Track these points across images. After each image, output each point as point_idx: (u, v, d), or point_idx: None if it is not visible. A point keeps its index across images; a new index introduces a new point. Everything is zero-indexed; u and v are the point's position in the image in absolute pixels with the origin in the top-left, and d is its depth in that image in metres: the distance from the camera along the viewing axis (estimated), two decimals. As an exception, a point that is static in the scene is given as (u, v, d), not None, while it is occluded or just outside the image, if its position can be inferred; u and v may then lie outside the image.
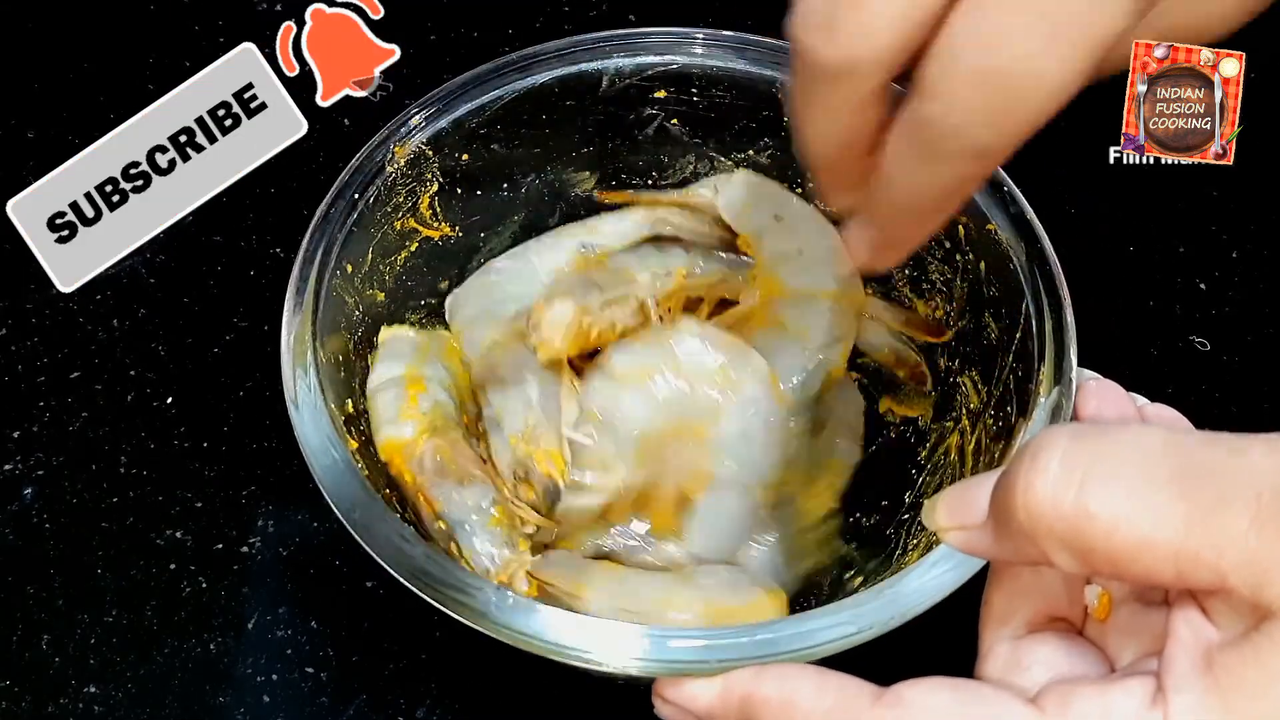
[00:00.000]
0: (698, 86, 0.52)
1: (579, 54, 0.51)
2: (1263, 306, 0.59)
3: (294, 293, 0.45)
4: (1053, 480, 0.28)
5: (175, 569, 0.51)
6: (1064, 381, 0.43)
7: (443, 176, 0.51)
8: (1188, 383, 0.56)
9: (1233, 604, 0.27)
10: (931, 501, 0.34)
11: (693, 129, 0.53)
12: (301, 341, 0.44)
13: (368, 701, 0.48)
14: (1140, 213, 0.61)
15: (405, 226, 0.51)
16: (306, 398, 0.42)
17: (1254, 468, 0.27)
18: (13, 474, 0.53)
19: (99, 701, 0.48)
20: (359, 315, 0.49)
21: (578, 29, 0.70)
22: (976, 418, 0.47)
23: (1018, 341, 0.45)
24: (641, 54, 0.51)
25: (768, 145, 0.53)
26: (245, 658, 0.49)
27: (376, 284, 0.50)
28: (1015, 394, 0.45)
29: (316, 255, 0.46)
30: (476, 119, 0.50)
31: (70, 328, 0.58)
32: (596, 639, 0.37)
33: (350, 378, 0.47)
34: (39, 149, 0.64)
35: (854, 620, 0.37)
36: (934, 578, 0.38)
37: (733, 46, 0.51)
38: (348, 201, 0.48)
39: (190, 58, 0.67)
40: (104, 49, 0.69)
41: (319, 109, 0.64)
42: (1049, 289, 0.45)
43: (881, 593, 0.38)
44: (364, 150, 0.49)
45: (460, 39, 0.68)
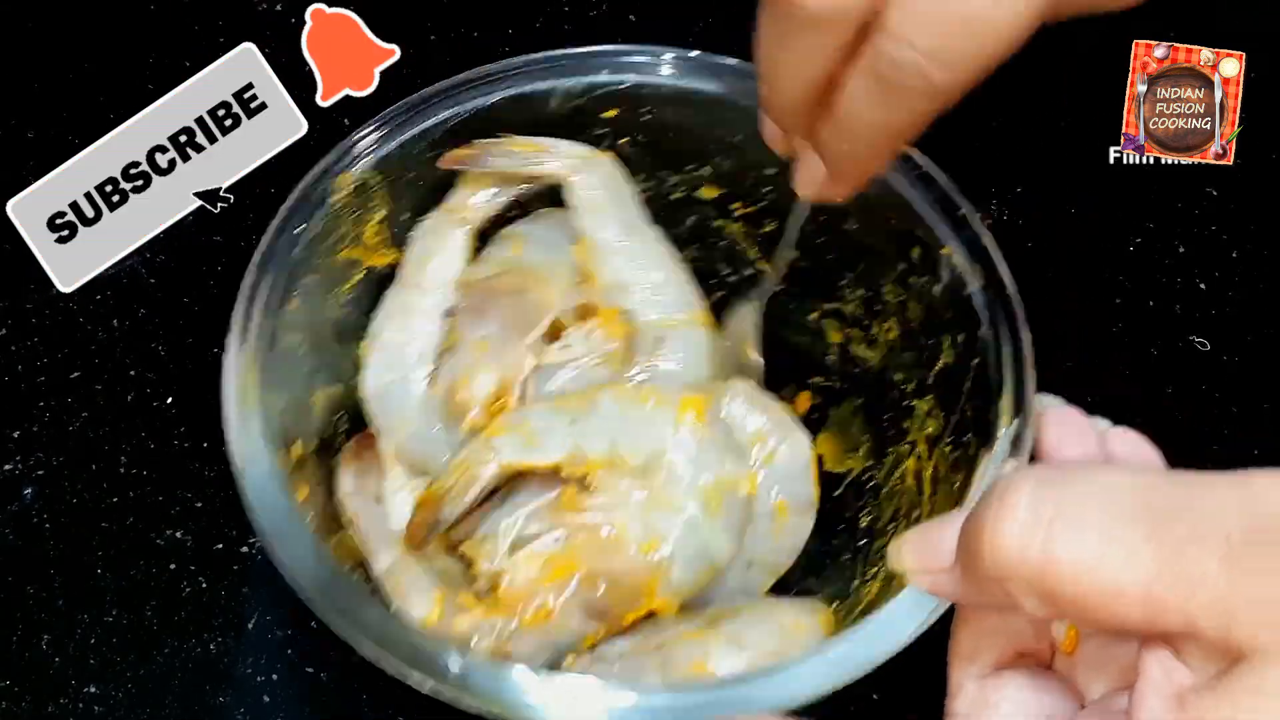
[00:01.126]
0: (648, 106, 0.51)
1: (527, 75, 0.50)
2: (1263, 306, 0.59)
3: (238, 333, 0.44)
4: (1019, 525, 0.28)
5: (175, 569, 0.51)
6: (1024, 412, 0.42)
7: (390, 202, 0.50)
8: (1188, 383, 0.56)
9: (1203, 645, 0.27)
10: (897, 543, 0.34)
11: (644, 149, 0.52)
12: (245, 389, 0.42)
13: (368, 702, 0.48)
14: (1140, 213, 0.61)
15: (350, 256, 0.49)
16: (254, 455, 0.41)
17: (1221, 508, 0.27)
18: (13, 474, 0.53)
19: (99, 701, 0.48)
20: (304, 352, 0.47)
21: (577, 29, 0.70)
22: (934, 444, 0.46)
23: (975, 368, 0.44)
24: (591, 73, 0.50)
25: (720, 164, 0.52)
26: (245, 658, 0.49)
27: (324, 317, 0.48)
28: (975, 423, 0.44)
29: (257, 293, 0.44)
30: (423, 142, 0.49)
31: (70, 328, 0.58)
32: (557, 700, 0.36)
33: (298, 419, 0.46)
34: (39, 149, 0.64)
35: (829, 674, 0.37)
36: (902, 620, 0.37)
37: (684, 64, 0.50)
38: (289, 234, 0.46)
39: (190, 58, 0.67)
40: (104, 49, 0.68)
41: (319, 109, 0.64)
42: (1006, 315, 0.44)
43: (855, 637, 0.37)
44: (306, 179, 0.47)
45: (460, 39, 0.68)
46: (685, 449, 0.45)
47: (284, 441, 0.43)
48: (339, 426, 0.50)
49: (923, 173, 0.47)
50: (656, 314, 0.49)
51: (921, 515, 0.45)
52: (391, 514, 0.47)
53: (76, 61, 0.68)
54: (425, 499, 0.45)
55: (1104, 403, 0.57)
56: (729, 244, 0.54)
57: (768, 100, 0.38)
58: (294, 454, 0.44)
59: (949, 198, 0.47)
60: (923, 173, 0.47)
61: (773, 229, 0.52)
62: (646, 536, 0.44)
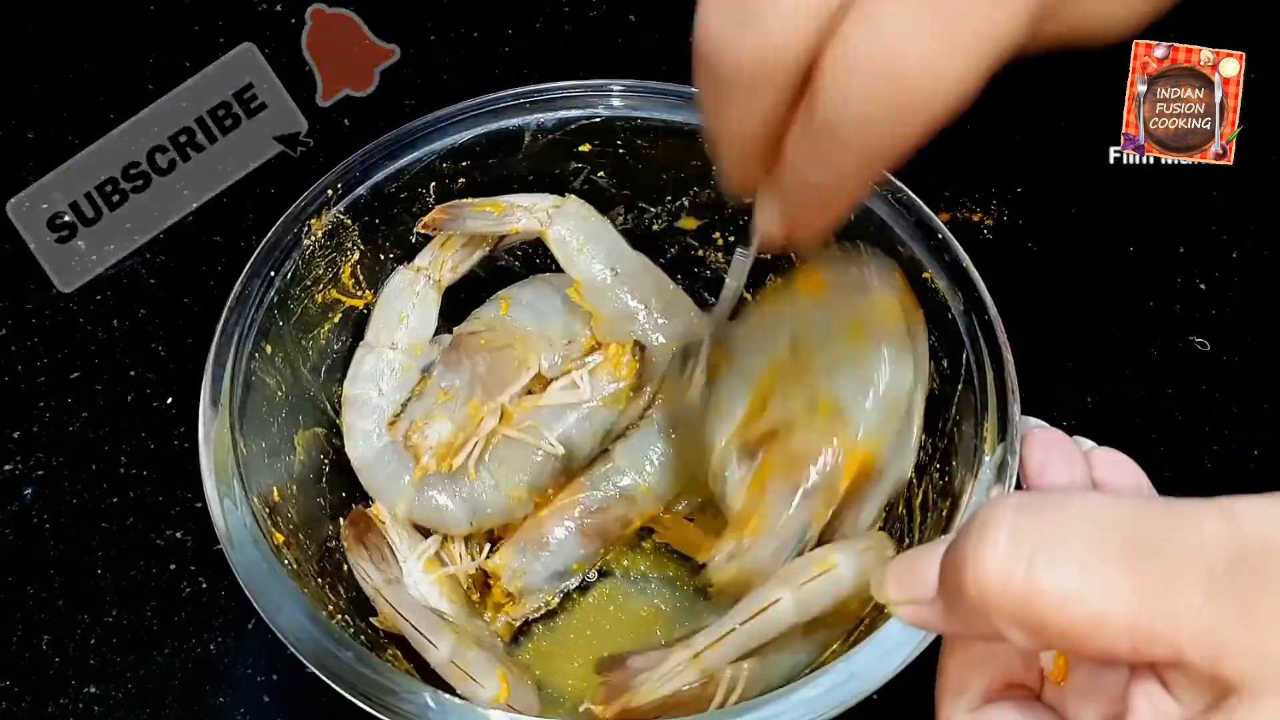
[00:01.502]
0: (622, 138, 0.50)
1: (498, 112, 0.49)
2: (1263, 307, 0.59)
3: (210, 383, 0.43)
4: (1001, 556, 0.27)
5: (175, 569, 0.51)
6: (1009, 437, 0.42)
7: (364, 244, 0.50)
8: (1188, 383, 0.56)
9: (1191, 677, 0.26)
10: (880, 573, 0.33)
11: (620, 181, 0.52)
12: (222, 445, 0.42)
13: (368, 702, 0.48)
14: (1140, 213, 0.61)
15: (327, 298, 0.49)
16: (235, 517, 0.41)
17: (1204, 538, 0.26)
18: (13, 474, 0.53)
19: (99, 702, 0.48)
20: (281, 395, 0.47)
21: (577, 29, 0.70)
22: (922, 471, 0.46)
23: (959, 393, 0.44)
24: (562, 108, 0.50)
25: (695, 194, 0.52)
26: (245, 658, 0.49)
27: (300, 360, 0.48)
28: (959, 448, 0.44)
29: (233, 340, 0.44)
30: (396, 183, 0.49)
31: (70, 328, 0.58)
32: None
33: (275, 462, 0.45)
34: (39, 149, 0.64)
35: (824, 700, 0.37)
36: (891, 650, 0.37)
37: (654, 95, 0.50)
38: (263, 280, 0.46)
39: (190, 58, 0.68)
40: (104, 49, 0.69)
41: (319, 109, 0.64)
42: (988, 339, 0.44)
43: (846, 667, 0.37)
44: (278, 225, 0.47)
45: (460, 39, 0.68)
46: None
47: (266, 506, 0.43)
48: (323, 468, 0.49)
49: (903, 197, 0.47)
50: (663, 338, 0.50)
51: (912, 543, 0.45)
52: (413, 587, 0.47)
53: (76, 61, 0.68)
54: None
55: (1104, 403, 0.57)
56: (714, 272, 0.54)
57: (715, 152, 0.35)
58: (272, 500, 0.44)
59: (927, 222, 0.46)
60: (903, 197, 0.47)
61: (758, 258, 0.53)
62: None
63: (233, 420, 0.43)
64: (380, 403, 0.49)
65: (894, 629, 0.38)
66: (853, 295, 0.45)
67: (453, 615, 0.46)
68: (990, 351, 0.43)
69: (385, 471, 0.48)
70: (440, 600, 0.47)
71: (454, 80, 0.66)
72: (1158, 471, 0.54)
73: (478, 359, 0.49)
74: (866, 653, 0.38)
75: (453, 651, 0.43)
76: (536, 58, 0.67)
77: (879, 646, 0.38)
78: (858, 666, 0.37)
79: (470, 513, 0.48)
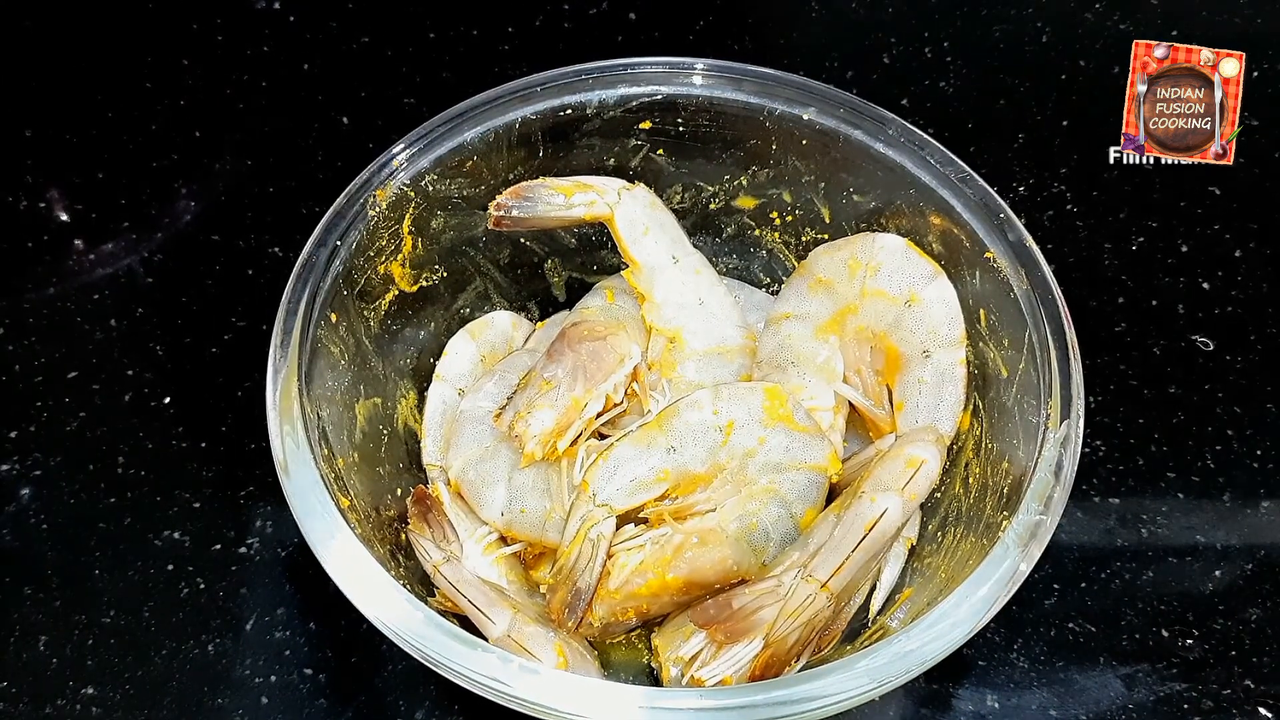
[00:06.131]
0: (683, 116, 0.51)
1: (560, 88, 0.50)
2: (1266, 306, 0.58)
3: (278, 346, 0.43)
4: None
5: (173, 570, 0.51)
6: (1072, 414, 0.42)
7: (426, 216, 0.50)
8: (1191, 382, 0.56)
9: None
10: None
11: (679, 159, 0.52)
12: (288, 399, 0.42)
13: (366, 703, 0.48)
14: (1142, 212, 0.61)
15: (389, 270, 0.50)
16: (296, 457, 0.41)
17: None
18: (10, 475, 0.53)
19: (97, 703, 0.48)
20: (345, 364, 0.47)
21: (577, 28, 0.70)
22: (979, 449, 0.46)
23: (1020, 371, 0.44)
24: (625, 85, 0.50)
25: (754, 174, 0.52)
26: (244, 659, 0.49)
27: (362, 330, 0.49)
28: (1020, 426, 0.44)
29: (300, 307, 0.44)
30: (459, 156, 0.49)
31: (68, 328, 0.58)
32: (594, 703, 0.37)
33: (339, 432, 0.46)
34: (39, 149, 0.64)
35: (868, 674, 0.37)
36: (941, 631, 0.38)
37: (719, 75, 0.50)
38: (330, 249, 0.46)
39: (190, 58, 0.68)
40: (104, 49, 0.69)
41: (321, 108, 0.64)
42: (1051, 318, 0.44)
43: (892, 647, 0.38)
44: (343, 196, 0.47)
45: (460, 38, 0.68)
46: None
47: (332, 471, 0.43)
48: (383, 438, 0.50)
49: (964, 174, 0.47)
50: (703, 344, 0.51)
51: (968, 519, 0.45)
52: (469, 559, 0.48)
53: (76, 61, 0.68)
54: (556, 579, 0.45)
55: (1106, 403, 0.57)
56: (769, 253, 0.55)
57: None
58: (335, 467, 0.44)
59: (990, 201, 0.46)
60: (964, 174, 0.47)
61: (811, 239, 0.53)
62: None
63: (300, 384, 0.43)
64: (481, 412, 0.51)
65: (947, 608, 0.39)
66: None
67: (512, 592, 0.47)
68: (1053, 330, 0.43)
69: (487, 477, 0.49)
70: (499, 578, 0.47)
71: (454, 79, 0.66)
72: (1159, 471, 0.54)
73: (581, 349, 0.49)
74: (922, 627, 0.38)
75: (510, 626, 0.43)
76: (536, 56, 0.67)
77: (934, 622, 0.39)
78: (914, 641, 0.38)
79: (507, 502, 0.48)
